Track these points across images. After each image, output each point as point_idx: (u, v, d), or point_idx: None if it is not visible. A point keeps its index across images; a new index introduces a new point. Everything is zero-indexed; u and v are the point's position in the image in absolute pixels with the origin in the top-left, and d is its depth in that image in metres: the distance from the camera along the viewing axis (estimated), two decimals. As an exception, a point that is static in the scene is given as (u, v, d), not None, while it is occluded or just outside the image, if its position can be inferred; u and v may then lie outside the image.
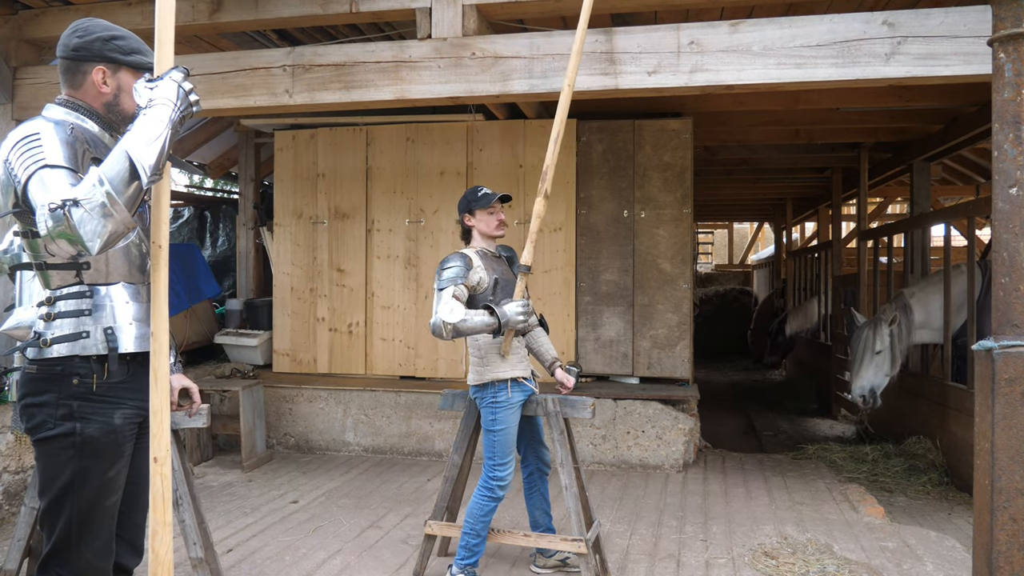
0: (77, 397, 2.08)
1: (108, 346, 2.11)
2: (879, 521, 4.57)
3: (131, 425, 2.17)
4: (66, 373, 2.07)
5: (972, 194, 9.62)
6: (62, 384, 2.07)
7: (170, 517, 1.92)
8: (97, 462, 2.10)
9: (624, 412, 5.80)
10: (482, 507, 3.40)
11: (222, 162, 8.86)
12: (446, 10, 3.99)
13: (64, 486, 2.08)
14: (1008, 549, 2.15)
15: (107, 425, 2.10)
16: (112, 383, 2.12)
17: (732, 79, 3.69)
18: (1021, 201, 2.16)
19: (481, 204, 3.50)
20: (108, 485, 2.12)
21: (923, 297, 6.23)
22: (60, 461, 2.08)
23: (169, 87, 1.94)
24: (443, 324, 3.23)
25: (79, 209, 1.79)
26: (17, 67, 4.71)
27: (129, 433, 2.16)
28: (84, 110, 2.16)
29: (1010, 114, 2.17)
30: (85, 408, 2.08)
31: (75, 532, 2.09)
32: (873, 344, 6.16)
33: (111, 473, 2.12)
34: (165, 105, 1.91)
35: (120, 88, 2.17)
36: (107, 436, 2.10)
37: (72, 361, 2.08)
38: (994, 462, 2.17)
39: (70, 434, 2.06)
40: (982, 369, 2.23)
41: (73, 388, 2.07)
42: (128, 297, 2.19)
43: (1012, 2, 2.14)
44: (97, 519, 2.11)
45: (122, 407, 2.14)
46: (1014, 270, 2.16)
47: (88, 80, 2.15)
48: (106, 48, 2.14)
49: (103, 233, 1.81)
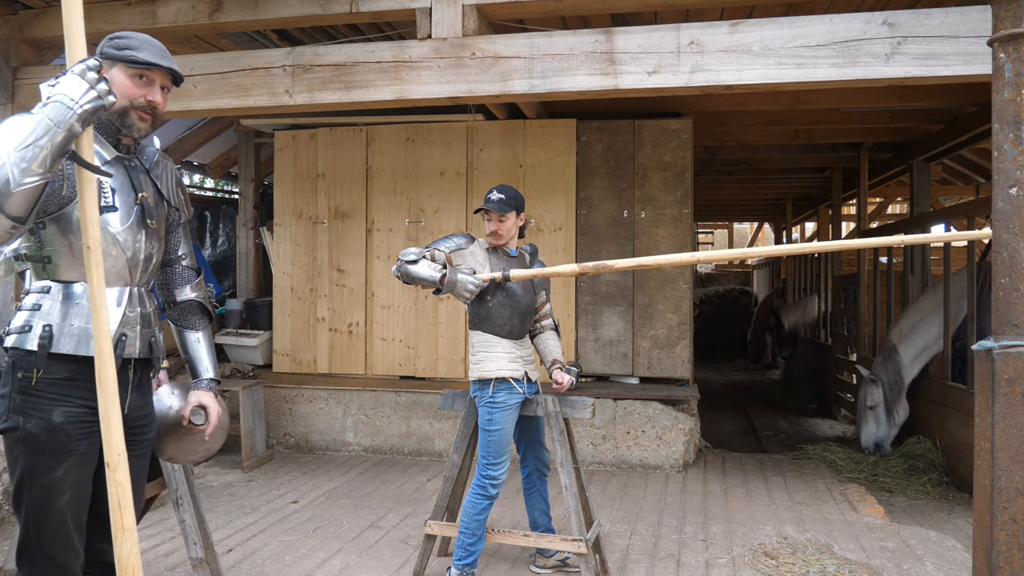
0: (20, 391, 2.04)
1: (39, 343, 2.04)
2: (879, 521, 4.58)
3: (78, 424, 2.08)
4: (15, 366, 2.05)
5: (972, 194, 9.62)
6: (12, 377, 2.05)
7: (130, 522, 1.88)
8: (40, 460, 2.05)
9: (624, 412, 5.80)
10: (476, 505, 3.40)
11: (222, 162, 8.86)
12: (446, 10, 3.99)
13: (18, 482, 2.06)
14: (1008, 549, 2.15)
15: (46, 422, 2.04)
16: (54, 379, 2.06)
17: (732, 79, 3.69)
18: (1021, 201, 2.16)
19: (477, 210, 3.52)
20: (56, 485, 2.05)
21: (910, 331, 6.45)
22: (13, 456, 2.06)
23: (70, 83, 1.82)
24: (399, 260, 3.30)
25: None
26: (17, 67, 4.71)
27: (75, 432, 2.07)
28: None
29: (1010, 114, 2.17)
30: (26, 403, 2.04)
31: (33, 530, 2.06)
32: (866, 401, 6.50)
33: (57, 473, 2.05)
34: (56, 103, 1.81)
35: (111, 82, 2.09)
36: (47, 434, 2.04)
37: (19, 354, 2.05)
38: (994, 462, 2.17)
39: (15, 428, 2.04)
40: (982, 369, 2.23)
41: (18, 382, 2.04)
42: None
43: (1012, 2, 2.14)
44: (54, 519, 2.06)
45: (64, 405, 2.06)
46: (1014, 270, 2.16)
47: None
48: (105, 46, 2.15)
49: None
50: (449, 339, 6.15)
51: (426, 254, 3.31)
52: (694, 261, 3.46)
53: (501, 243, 3.52)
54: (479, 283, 3.29)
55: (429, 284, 3.27)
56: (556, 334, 3.77)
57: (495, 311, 3.45)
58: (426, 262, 3.29)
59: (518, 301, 3.48)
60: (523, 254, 3.64)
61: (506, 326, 3.46)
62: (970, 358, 5.53)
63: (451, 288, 3.27)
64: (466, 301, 3.35)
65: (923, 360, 6.41)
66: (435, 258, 3.32)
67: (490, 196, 3.47)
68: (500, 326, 3.45)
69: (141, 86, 2.15)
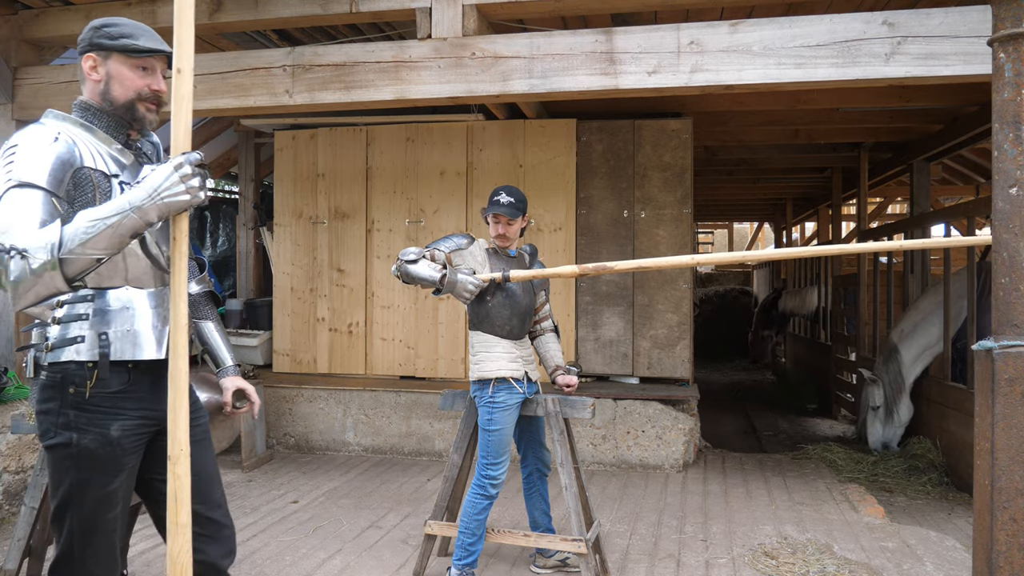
0: (74, 406, 1.99)
1: (99, 351, 1.99)
2: (879, 521, 4.58)
3: (133, 437, 2.07)
4: (66, 381, 1.99)
5: (972, 194, 9.62)
6: (63, 392, 2.00)
7: (185, 518, 1.86)
8: (95, 475, 2.01)
9: (624, 412, 5.80)
10: (475, 505, 3.40)
11: (222, 162, 8.86)
12: (446, 10, 3.99)
13: (65, 496, 2.02)
14: (1008, 549, 2.15)
15: (103, 437, 2.00)
16: (109, 392, 2.02)
17: (732, 79, 3.69)
18: (1021, 201, 2.16)
19: (486, 211, 3.50)
20: (107, 498, 2.04)
21: (911, 331, 6.47)
22: (61, 470, 2.02)
23: (162, 172, 1.82)
24: (399, 260, 3.30)
25: (23, 262, 1.74)
26: (17, 67, 4.71)
27: (130, 445, 2.06)
28: (92, 111, 2.07)
29: (1010, 114, 2.16)
30: (81, 418, 1.99)
31: (77, 542, 2.03)
32: (868, 402, 6.55)
33: (110, 487, 2.03)
34: (139, 190, 1.81)
35: (110, 75, 2.05)
36: (103, 448, 2.01)
37: (69, 368, 1.99)
38: (994, 462, 2.17)
39: (68, 444, 1.99)
40: (982, 369, 2.23)
41: (70, 397, 1.99)
42: (138, 302, 2.08)
43: (1012, 2, 2.14)
44: (100, 531, 2.04)
45: (121, 418, 2.03)
46: (1014, 270, 2.16)
47: (83, 72, 2.07)
48: (96, 36, 2.05)
49: (32, 295, 1.77)
50: (449, 339, 6.15)
51: (426, 254, 3.31)
52: (694, 263, 3.46)
53: (507, 245, 3.51)
54: (479, 283, 3.29)
55: (429, 284, 3.27)
56: (556, 336, 3.78)
57: (495, 311, 3.45)
58: (426, 262, 3.29)
59: (518, 301, 3.48)
60: (523, 254, 3.63)
61: (506, 326, 3.46)
62: (970, 358, 5.53)
63: (451, 288, 3.27)
64: (466, 301, 3.35)
65: (924, 361, 6.42)
66: (435, 258, 3.32)
67: (498, 199, 3.42)
68: (500, 326, 3.45)
69: (144, 76, 2.08)
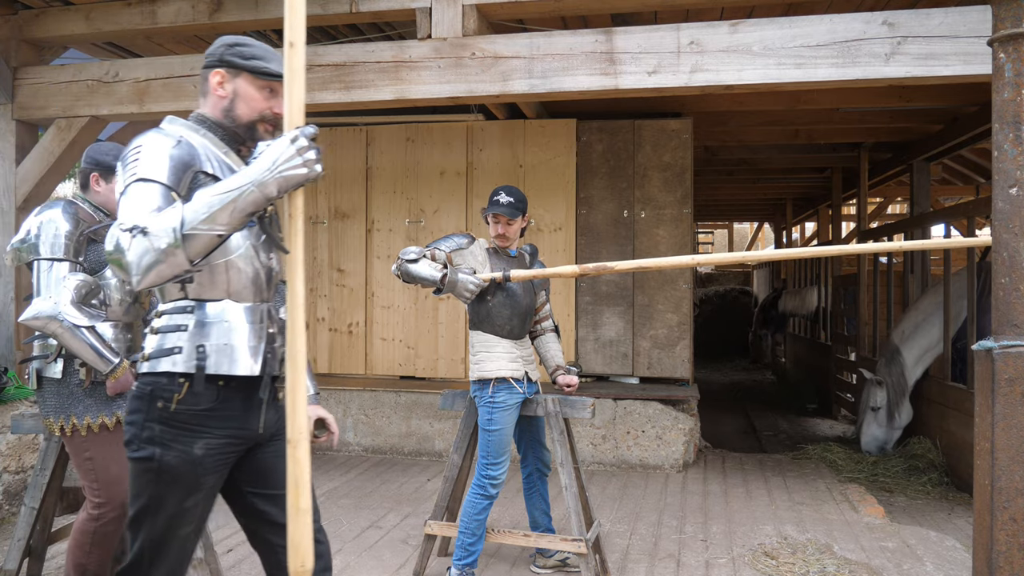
0: (160, 421, 1.96)
1: (196, 364, 1.96)
2: (879, 521, 4.58)
3: (218, 456, 2.02)
4: (154, 395, 1.96)
5: (972, 194, 9.62)
6: (150, 405, 1.97)
7: (306, 503, 1.78)
8: (173, 491, 1.98)
9: (624, 412, 5.80)
10: (475, 505, 3.40)
11: (222, 162, 8.86)
12: (446, 10, 4.00)
13: (143, 507, 2.00)
14: (1008, 549, 2.15)
15: (186, 455, 1.97)
16: (197, 410, 1.98)
17: (732, 79, 3.69)
18: (1021, 201, 2.16)
19: (486, 211, 3.50)
20: (183, 515, 2.01)
21: (912, 332, 6.45)
22: (141, 483, 2.00)
23: (278, 146, 1.78)
24: (399, 259, 3.30)
25: (145, 240, 1.70)
26: (17, 67, 4.71)
27: (212, 465, 2.01)
28: (209, 123, 2.08)
29: (1010, 114, 2.17)
30: (167, 434, 1.96)
31: (147, 555, 2.02)
32: (869, 403, 6.51)
33: (187, 504, 2.00)
34: (257, 165, 1.78)
35: (236, 93, 2.07)
36: (185, 466, 1.97)
37: (160, 381, 1.96)
38: (994, 462, 2.17)
39: (150, 459, 1.96)
40: (982, 369, 2.23)
41: (157, 411, 1.96)
42: (236, 317, 2.04)
43: (1012, 2, 2.14)
44: (174, 546, 2.03)
45: (206, 436, 1.99)
46: (1014, 270, 2.16)
47: (208, 86, 2.08)
48: (227, 53, 2.07)
49: (153, 274, 1.72)
50: (449, 339, 6.15)
51: (427, 253, 3.31)
52: (694, 263, 3.46)
53: (507, 245, 3.51)
54: (479, 283, 3.29)
55: (429, 283, 3.27)
56: (556, 336, 3.78)
57: (495, 311, 3.45)
58: (426, 261, 3.29)
59: (518, 301, 3.48)
60: (523, 254, 3.63)
61: (506, 326, 3.46)
62: (970, 358, 5.53)
63: (451, 288, 3.27)
64: (466, 301, 3.35)
65: (926, 362, 6.41)
66: (435, 257, 3.32)
67: (498, 199, 3.42)
68: (500, 326, 3.45)
69: (269, 98, 2.09)
